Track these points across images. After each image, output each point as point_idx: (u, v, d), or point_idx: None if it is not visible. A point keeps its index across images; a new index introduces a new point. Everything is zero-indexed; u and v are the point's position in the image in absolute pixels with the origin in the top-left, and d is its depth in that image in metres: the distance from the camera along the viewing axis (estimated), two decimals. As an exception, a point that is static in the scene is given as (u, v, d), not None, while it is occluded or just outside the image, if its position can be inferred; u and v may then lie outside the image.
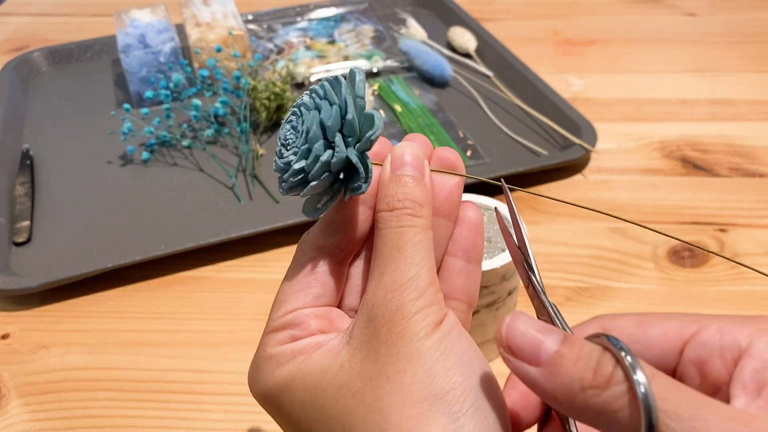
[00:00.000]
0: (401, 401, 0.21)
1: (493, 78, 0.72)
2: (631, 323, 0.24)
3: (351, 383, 0.22)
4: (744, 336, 0.22)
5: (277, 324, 0.25)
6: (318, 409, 0.23)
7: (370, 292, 0.24)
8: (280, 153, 0.25)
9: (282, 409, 0.24)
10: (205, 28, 0.72)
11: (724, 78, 0.74)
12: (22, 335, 0.47)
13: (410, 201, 0.24)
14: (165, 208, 0.57)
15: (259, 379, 0.25)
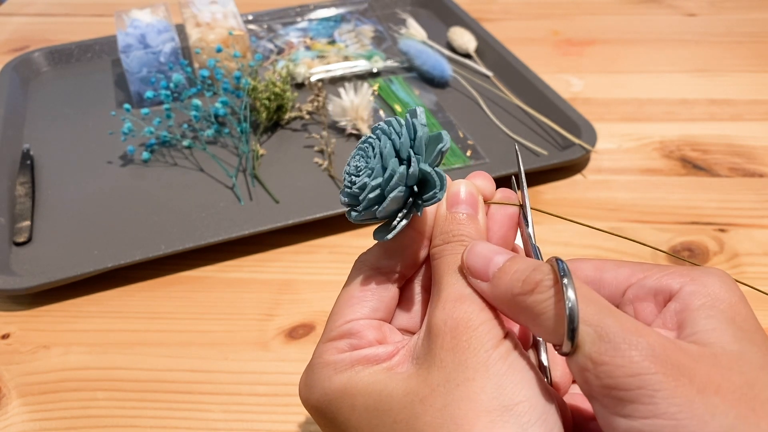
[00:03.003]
0: (473, 408, 0.22)
1: (492, 78, 0.72)
2: (589, 267, 0.27)
3: (418, 389, 0.23)
4: (677, 282, 0.24)
5: (334, 333, 0.26)
6: (382, 413, 0.23)
7: (432, 308, 0.25)
8: (350, 182, 0.26)
9: (339, 415, 0.25)
10: (206, 28, 0.72)
11: (724, 78, 0.74)
12: (22, 335, 0.47)
13: (465, 236, 0.26)
14: (165, 208, 0.57)
15: (315, 384, 0.25)
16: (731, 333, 0.22)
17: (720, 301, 0.23)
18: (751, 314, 0.23)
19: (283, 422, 0.41)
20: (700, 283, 0.23)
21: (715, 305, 0.23)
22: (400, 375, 0.24)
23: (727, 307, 0.23)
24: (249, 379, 0.43)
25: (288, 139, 0.65)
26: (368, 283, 0.27)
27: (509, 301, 0.23)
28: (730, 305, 0.23)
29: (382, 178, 0.25)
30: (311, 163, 0.61)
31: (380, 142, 0.26)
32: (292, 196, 0.57)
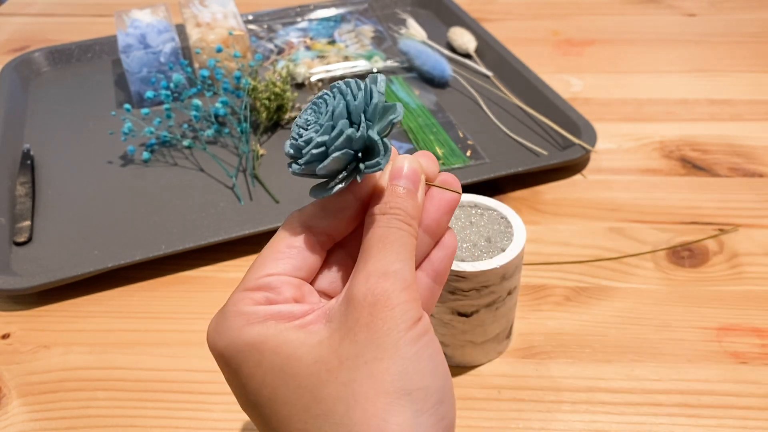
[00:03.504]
0: (374, 388, 0.22)
1: (492, 78, 0.72)
2: None
3: (328, 359, 0.23)
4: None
5: (252, 284, 0.25)
6: (288, 376, 0.23)
7: (355, 277, 0.25)
8: (298, 134, 0.26)
9: (244, 367, 0.24)
10: (206, 28, 0.72)
11: (724, 78, 0.74)
12: (22, 335, 0.47)
13: (401, 210, 0.26)
14: (165, 208, 0.57)
15: (224, 332, 0.25)
16: None
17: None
18: None
19: (283, 422, 0.41)
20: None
21: None
22: (311, 338, 0.24)
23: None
24: (249, 379, 0.43)
25: (288, 139, 0.65)
26: (296, 240, 0.27)
27: None
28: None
29: (329, 137, 0.25)
30: (311, 163, 0.61)
31: (334, 101, 0.25)
32: (292, 196, 0.57)
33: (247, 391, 0.24)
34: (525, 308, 0.47)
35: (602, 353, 0.44)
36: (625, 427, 0.40)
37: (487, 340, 0.42)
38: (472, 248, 0.39)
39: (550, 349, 0.44)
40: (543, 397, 0.41)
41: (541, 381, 0.42)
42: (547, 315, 0.47)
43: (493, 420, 0.40)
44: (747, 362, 0.43)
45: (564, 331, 0.46)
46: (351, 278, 0.25)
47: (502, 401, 0.41)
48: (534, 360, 0.44)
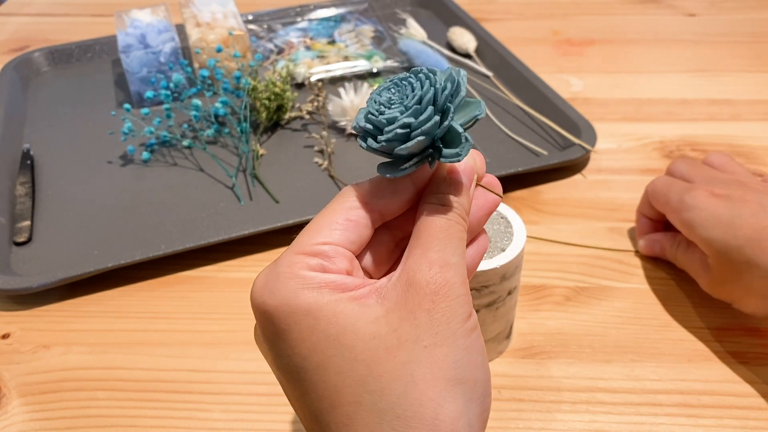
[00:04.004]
0: (432, 372, 0.23)
1: (492, 78, 0.72)
2: None
3: (386, 337, 0.23)
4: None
5: (309, 249, 0.25)
6: (344, 347, 0.23)
7: (414, 261, 0.25)
8: (378, 111, 0.26)
9: (293, 331, 0.24)
10: (206, 28, 0.72)
11: (724, 78, 0.74)
12: (22, 335, 0.47)
13: (459, 205, 0.27)
14: (165, 208, 0.57)
15: (278, 291, 0.24)
16: None
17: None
18: None
19: (283, 422, 0.41)
20: None
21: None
22: (367, 313, 0.24)
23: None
24: (249, 379, 0.43)
25: (288, 139, 0.65)
26: (353, 213, 0.27)
27: None
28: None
29: (415, 120, 0.25)
30: (311, 163, 0.61)
31: (422, 87, 0.26)
32: (292, 196, 0.57)
33: (293, 353, 0.24)
34: (525, 308, 0.47)
35: (602, 353, 0.44)
36: (625, 427, 0.40)
37: (487, 340, 0.42)
38: (472, 248, 0.39)
39: (550, 349, 0.44)
40: (543, 397, 0.41)
41: (541, 381, 0.42)
42: (547, 315, 0.47)
43: (493, 420, 0.40)
44: (747, 362, 0.43)
45: (564, 331, 0.46)
46: (408, 262, 0.25)
47: (502, 401, 0.41)
48: (534, 360, 0.44)
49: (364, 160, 0.61)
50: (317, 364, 0.24)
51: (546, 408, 0.41)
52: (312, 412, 0.24)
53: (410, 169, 0.26)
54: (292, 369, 0.24)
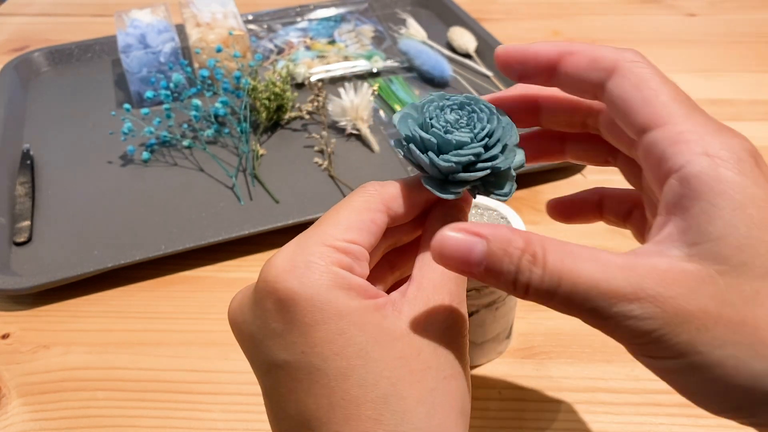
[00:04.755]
0: (449, 402, 0.23)
1: (492, 78, 0.72)
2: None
3: (412, 359, 0.23)
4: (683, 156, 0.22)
5: (340, 245, 0.24)
6: (370, 360, 0.23)
7: (430, 288, 0.25)
8: (446, 129, 0.27)
9: (318, 330, 0.23)
10: (206, 28, 0.72)
11: (724, 78, 0.74)
12: (22, 335, 0.47)
13: None
14: (165, 208, 0.57)
15: (308, 282, 0.23)
16: (737, 239, 0.21)
17: (731, 188, 0.21)
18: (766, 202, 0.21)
19: (283, 422, 0.41)
20: (713, 161, 0.21)
21: (724, 193, 0.21)
22: (391, 328, 0.23)
23: (739, 194, 0.21)
24: (249, 379, 0.43)
25: (288, 139, 0.65)
26: (378, 217, 0.26)
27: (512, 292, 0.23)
28: (743, 192, 0.21)
29: (485, 152, 0.26)
30: (311, 163, 0.61)
31: (488, 120, 0.27)
32: (292, 196, 0.57)
33: (311, 351, 0.23)
34: (525, 308, 0.47)
35: (602, 353, 0.44)
36: (625, 427, 0.40)
37: (487, 340, 0.42)
38: (472, 248, 0.39)
39: (550, 349, 0.44)
40: (543, 397, 0.41)
41: (541, 381, 0.42)
42: (547, 315, 0.47)
43: (493, 420, 0.40)
44: (747, 362, 0.43)
45: (564, 331, 0.46)
46: (426, 286, 0.25)
47: (502, 401, 0.41)
48: (534, 360, 0.44)
49: (365, 160, 0.61)
50: (339, 371, 0.22)
51: (546, 408, 0.41)
52: (306, 414, 0.23)
53: (460, 194, 0.26)
54: (302, 366, 0.23)
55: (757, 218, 0.21)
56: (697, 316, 0.21)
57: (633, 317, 0.21)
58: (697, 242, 0.21)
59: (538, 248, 0.22)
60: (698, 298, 0.21)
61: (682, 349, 0.21)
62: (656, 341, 0.21)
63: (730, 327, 0.20)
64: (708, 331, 0.20)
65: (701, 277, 0.21)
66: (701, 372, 0.21)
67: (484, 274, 0.22)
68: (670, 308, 0.21)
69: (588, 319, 0.22)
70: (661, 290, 0.21)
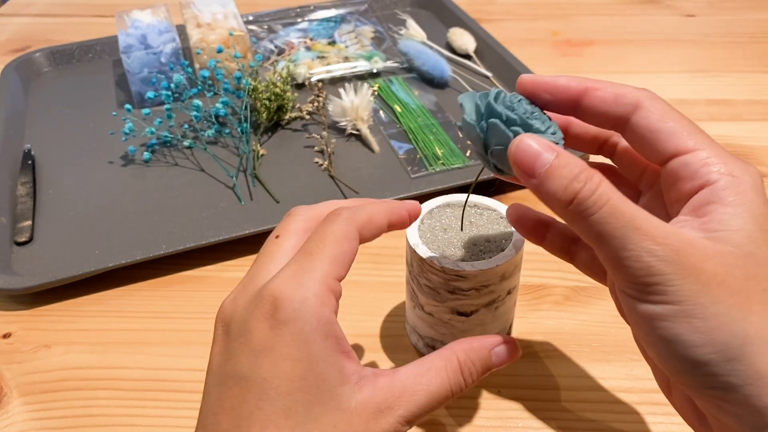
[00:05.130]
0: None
1: (492, 79, 0.72)
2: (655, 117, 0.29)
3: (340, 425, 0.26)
4: (716, 174, 0.27)
5: (333, 284, 0.28)
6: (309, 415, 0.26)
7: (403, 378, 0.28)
8: (526, 116, 0.30)
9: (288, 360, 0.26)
10: (206, 28, 0.72)
11: (723, 78, 0.74)
12: (23, 334, 0.47)
13: None
14: (166, 208, 0.57)
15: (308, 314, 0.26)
16: (749, 234, 0.26)
17: (749, 201, 0.26)
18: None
19: (283, 421, 0.41)
20: (737, 180, 0.27)
21: (744, 204, 0.26)
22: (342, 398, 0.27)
23: (754, 207, 0.26)
24: (249, 378, 0.43)
25: (288, 139, 0.65)
26: (353, 246, 0.29)
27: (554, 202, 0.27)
28: (757, 206, 0.26)
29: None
30: (311, 163, 0.61)
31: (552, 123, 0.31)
32: (292, 196, 0.57)
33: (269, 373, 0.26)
34: (524, 308, 0.48)
35: (602, 353, 0.44)
36: (625, 426, 0.40)
37: (487, 339, 0.42)
38: (472, 248, 0.39)
39: (549, 349, 0.45)
40: (543, 397, 0.42)
41: (540, 380, 0.43)
42: (547, 314, 0.47)
43: (493, 420, 0.40)
44: (746, 362, 0.43)
45: (564, 331, 0.46)
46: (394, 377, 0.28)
47: (502, 401, 0.41)
48: (534, 359, 0.44)
49: (364, 160, 0.62)
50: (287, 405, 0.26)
51: (546, 408, 0.41)
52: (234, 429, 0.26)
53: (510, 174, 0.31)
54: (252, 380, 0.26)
55: (764, 226, 0.26)
56: (706, 274, 0.25)
57: (654, 256, 0.24)
58: (717, 230, 0.26)
59: (596, 175, 0.26)
60: (711, 263, 0.25)
61: (685, 296, 0.24)
62: (664, 283, 0.25)
63: (729, 292, 0.25)
64: (711, 288, 0.24)
65: (717, 250, 0.25)
66: (692, 320, 0.24)
67: (543, 176, 0.26)
68: (686, 260, 0.25)
69: (609, 246, 0.25)
70: (683, 246, 0.25)
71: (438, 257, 0.38)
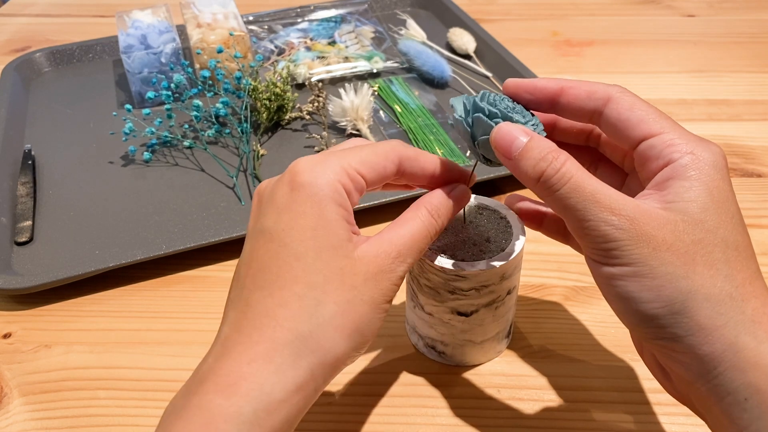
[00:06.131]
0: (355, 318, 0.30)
1: (492, 79, 0.73)
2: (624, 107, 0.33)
3: (345, 276, 0.30)
4: (678, 154, 0.30)
5: (352, 172, 0.31)
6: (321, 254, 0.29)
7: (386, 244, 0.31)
8: (507, 110, 0.33)
9: (305, 216, 0.30)
10: (206, 29, 0.72)
11: (723, 78, 0.75)
12: (24, 334, 0.47)
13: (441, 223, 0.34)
14: (166, 208, 0.57)
15: (318, 184, 0.30)
16: (702, 204, 0.29)
17: (706, 175, 0.29)
18: (727, 190, 0.30)
19: (283, 421, 0.41)
20: (696, 157, 0.29)
21: (700, 178, 0.29)
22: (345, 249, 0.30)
23: (710, 181, 0.29)
24: (250, 378, 0.43)
25: (288, 140, 0.65)
26: (390, 168, 0.33)
27: (526, 179, 0.31)
28: (713, 180, 0.29)
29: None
30: (311, 164, 0.61)
31: (534, 117, 0.34)
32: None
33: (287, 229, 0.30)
34: (524, 308, 0.48)
35: (601, 353, 0.44)
36: (625, 426, 0.40)
37: (487, 339, 0.42)
38: (472, 248, 0.39)
39: (549, 349, 0.45)
40: (543, 397, 0.42)
41: (540, 380, 0.43)
42: (547, 314, 0.47)
43: (493, 419, 0.40)
44: (745, 361, 0.43)
45: (563, 331, 0.46)
46: (384, 237, 0.31)
47: (502, 401, 0.41)
48: (534, 359, 0.44)
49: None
50: (299, 251, 0.29)
51: (546, 408, 0.41)
52: (264, 271, 0.30)
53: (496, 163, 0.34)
54: (275, 235, 0.30)
55: (717, 198, 0.29)
56: (656, 240, 0.28)
57: (611, 225, 0.28)
58: (674, 201, 0.29)
59: (563, 155, 0.30)
60: (661, 230, 0.28)
61: (637, 258, 0.28)
62: (619, 248, 0.28)
63: (676, 255, 0.28)
64: (660, 252, 0.28)
65: (669, 219, 0.29)
66: (642, 279, 0.28)
67: (518, 157, 0.31)
68: (639, 228, 0.28)
69: (573, 217, 0.29)
70: (637, 216, 0.28)
71: (438, 257, 0.38)
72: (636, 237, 0.28)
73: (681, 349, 0.28)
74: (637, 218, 0.28)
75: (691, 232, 0.28)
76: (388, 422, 0.40)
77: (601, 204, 0.29)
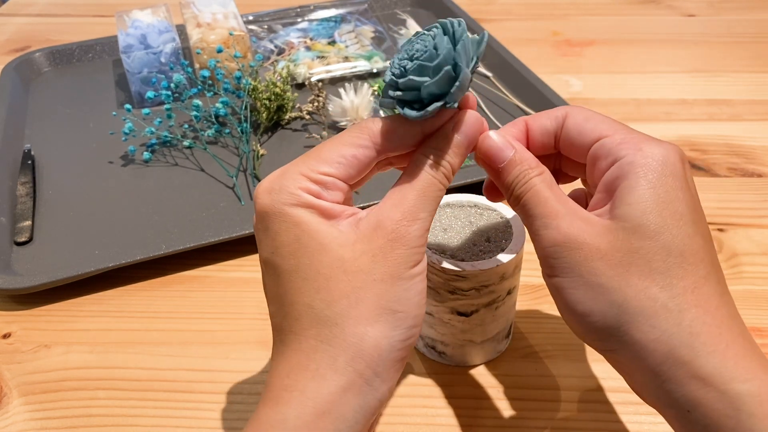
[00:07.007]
0: (373, 300, 0.28)
1: (492, 78, 0.72)
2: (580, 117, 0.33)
3: (348, 262, 0.28)
4: (625, 152, 0.29)
5: (313, 176, 0.29)
6: (315, 260, 0.28)
7: (388, 207, 0.29)
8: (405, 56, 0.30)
9: (280, 235, 0.29)
10: (206, 28, 0.72)
11: (723, 78, 0.75)
12: (23, 334, 0.47)
13: (449, 165, 0.31)
14: (166, 208, 0.57)
15: (277, 200, 0.29)
16: (644, 207, 0.28)
17: (651, 173, 0.28)
18: (677, 188, 0.28)
19: (283, 421, 0.41)
20: (643, 153, 0.29)
21: (645, 176, 0.28)
22: (340, 237, 0.29)
23: (655, 179, 0.28)
24: (250, 379, 0.43)
25: (288, 139, 0.65)
26: (360, 153, 0.30)
27: (504, 190, 0.32)
28: (659, 178, 0.28)
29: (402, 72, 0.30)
30: (311, 163, 0.61)
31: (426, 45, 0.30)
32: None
33: (276, 252, 0.29)
34: (525, 308, 0.48)
35: (601, 353, 0.44)
36: (625, 426, 0.40)
37: (487, 339, 0.42)
38: (472, 248, 0.39)
39: (550, 349, 0.45)
40: (543, 397, 0.42)
41: (540, 380, 0.43)
42: (547, 314, 0.47)
43: (493, 419, 0.40)
44: (746, 362, 0.43)
45: (564, 331, 0.46)
46: (385, 204, 0.30)
47: (502, 401, 0.41)
48: (534, 359, 0.44)
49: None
50: (292, 267, 0.29)
51: (546, 408, 0.41)
52: (277, 299, 0.29)
53: (434, 107, 0.29)
54: (270, 263, 0.29)
55: (663, 198, 0.28)
56: (589, 248, 0.28)
57: (551, 228, 0.29)
58: (617, 206, 0.28)
59: (535, 170, 0.31)
60: (597, 239, 0.28)
61: (568, 269, 0.28)
62: (553, 256, 0.29)
63: (608, 265, 0.28)
64: (591, 261, 0.28)
65: (608, 228, 0.28)
66: (577, 292, 0.28)
67: (501, 171, 0.31)
68: (572, 235, 0.28)
69: (529, 222, 0.30)
70: (574, 223, 0.29)
71: (438, 257, 0.38)
72: (569, 243, 0.28)
73: (622, 360, 0.28)
74: (572, 225, 0.29)
75: (628, 240, 0.28)
76: (387, 422, 0.40)
77: (546, 212, 0.29)
